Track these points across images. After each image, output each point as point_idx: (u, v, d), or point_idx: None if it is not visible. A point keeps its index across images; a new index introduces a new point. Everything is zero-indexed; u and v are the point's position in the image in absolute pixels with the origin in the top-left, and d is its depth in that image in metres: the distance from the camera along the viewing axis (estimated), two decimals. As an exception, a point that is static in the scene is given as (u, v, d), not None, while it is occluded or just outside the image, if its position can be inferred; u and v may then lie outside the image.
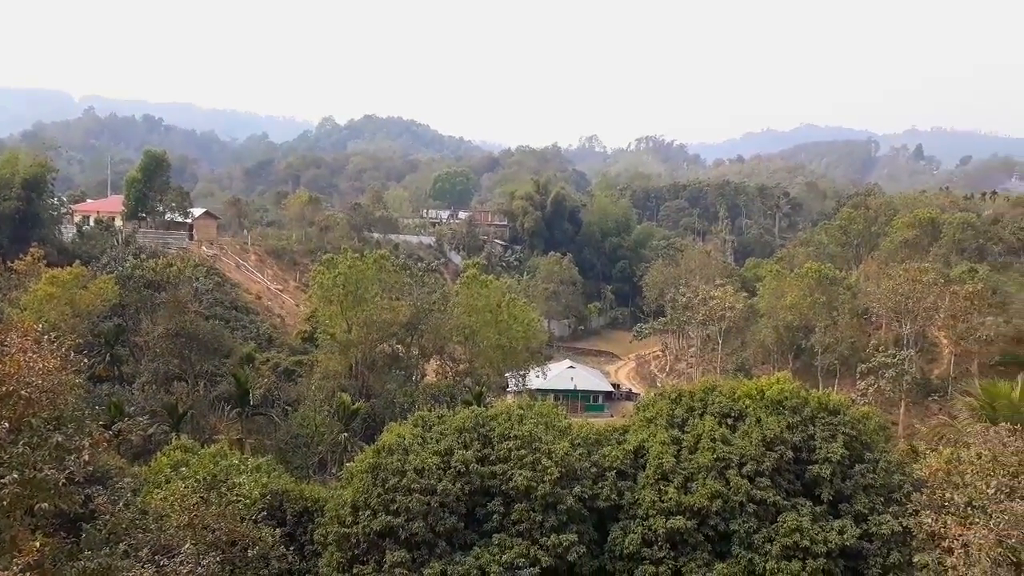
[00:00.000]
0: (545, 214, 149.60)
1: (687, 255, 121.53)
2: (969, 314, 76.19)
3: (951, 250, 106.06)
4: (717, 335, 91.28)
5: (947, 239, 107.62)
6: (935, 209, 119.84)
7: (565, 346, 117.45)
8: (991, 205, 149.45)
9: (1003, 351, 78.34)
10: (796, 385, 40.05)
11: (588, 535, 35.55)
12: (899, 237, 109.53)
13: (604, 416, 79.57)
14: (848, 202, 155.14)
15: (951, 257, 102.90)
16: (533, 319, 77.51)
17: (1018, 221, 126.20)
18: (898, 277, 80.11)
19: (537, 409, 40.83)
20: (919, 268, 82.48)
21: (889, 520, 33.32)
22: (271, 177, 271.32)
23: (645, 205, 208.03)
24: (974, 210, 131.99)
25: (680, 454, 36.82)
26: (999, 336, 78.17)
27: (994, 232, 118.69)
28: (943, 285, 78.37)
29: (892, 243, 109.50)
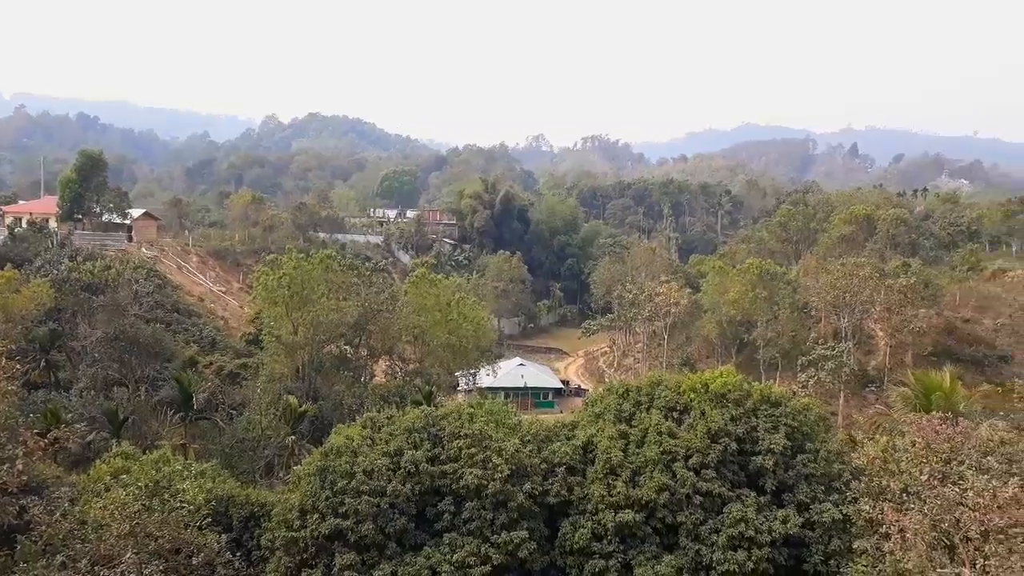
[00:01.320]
0: (494, 213, 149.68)
1: (633, 252, 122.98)
2: (903, 307, 78.90)
3: (886, 245, 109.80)
4: (663, 330, 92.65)
5: (882, 235, 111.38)
6: (870, 206, 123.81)
7: (515, 344, 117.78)
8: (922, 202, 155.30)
9: (935, 342, 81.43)
10: (739, 378, 40.90)
11: (539, 531, 35.75)
12: (836, 233, 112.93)
13: (554, 412, 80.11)
14: (787, 199, 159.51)
15: (886, 252, 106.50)
16: (483, 318, 77.49)
17: (948, 217, 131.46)
18: (836, 272, 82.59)
19: (487, 407, 40.89)
20: (856, 263, 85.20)
21: (830, 508, 34.28)
22: (213, 177, 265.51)
23: (592, 203, 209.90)
24: (907, 206, 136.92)
25: (628, 448, 37.32)
26: (931, 328, 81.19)
27: (926, 227, 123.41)
28: (878, 279, 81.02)
29: (830, 239, 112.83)
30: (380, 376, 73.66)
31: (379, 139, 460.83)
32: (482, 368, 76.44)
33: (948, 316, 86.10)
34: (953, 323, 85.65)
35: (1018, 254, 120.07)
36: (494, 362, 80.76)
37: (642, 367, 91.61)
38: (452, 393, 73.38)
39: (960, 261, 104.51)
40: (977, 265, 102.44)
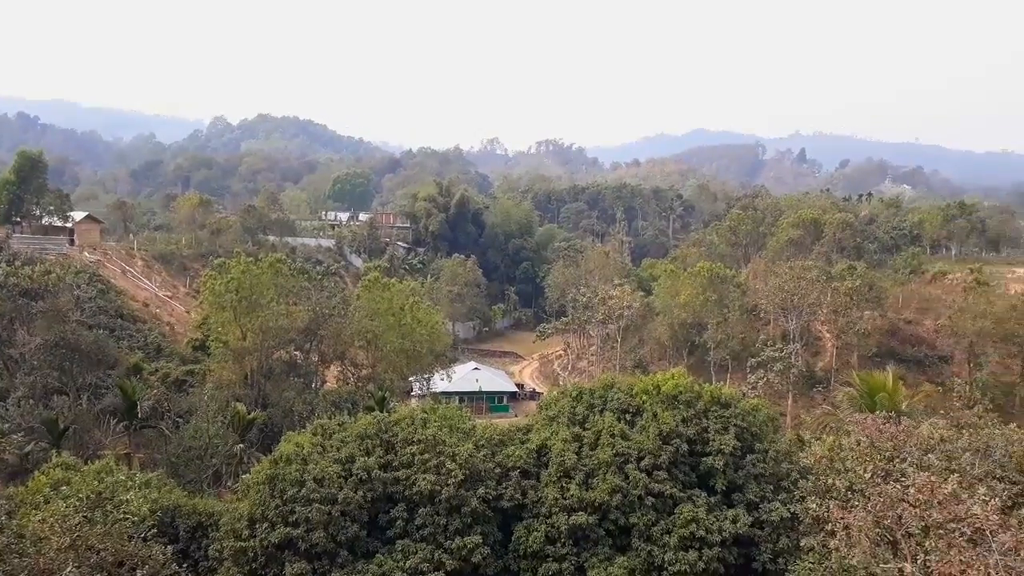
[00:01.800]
0: (449, 216, 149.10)
1: (587, 256, 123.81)
2: (849, 309, 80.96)
3: (832, 249, 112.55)
4: (616, 333, 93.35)
5: (828, 238, 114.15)
6: (817, 210, 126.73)
7: (470, 348, 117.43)
8: (867, 206, 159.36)
9: (879, 343, 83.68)
10: (690, 380, 41.41)
11: (492, 536, 35.67)
12: (784, 237, 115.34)
13: (509, 416, 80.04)
14: (737, 204, 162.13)
15: (832, 255, 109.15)
16: (437, 322, 77.06)
17: (891, 221, 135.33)
18: (784, 275, 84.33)
19: (441, 412, 40.68)
20: (803, 266, 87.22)
21: (778, 507, 34.90)
22: (159, 179, 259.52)
23: (546, 207, 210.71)
24: (852, 211, 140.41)
25: (581, 451, 37.48)
26: (875, 329, 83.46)
27: (870, 231, 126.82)
28: (825, 282, 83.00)
29: (778, 242, 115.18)
30: (332, 382, 72.73)
31: (331, 141, 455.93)
32: (436, 373, 75.98)
33: (891, 318, 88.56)
34: (896, 324, 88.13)
35: (957, 257, 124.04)
36: (448, 366, 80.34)
37: (596, 370, 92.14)
38: (406, 398, 72.80)
39: (903, 264, 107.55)
40: (919, 268, 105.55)
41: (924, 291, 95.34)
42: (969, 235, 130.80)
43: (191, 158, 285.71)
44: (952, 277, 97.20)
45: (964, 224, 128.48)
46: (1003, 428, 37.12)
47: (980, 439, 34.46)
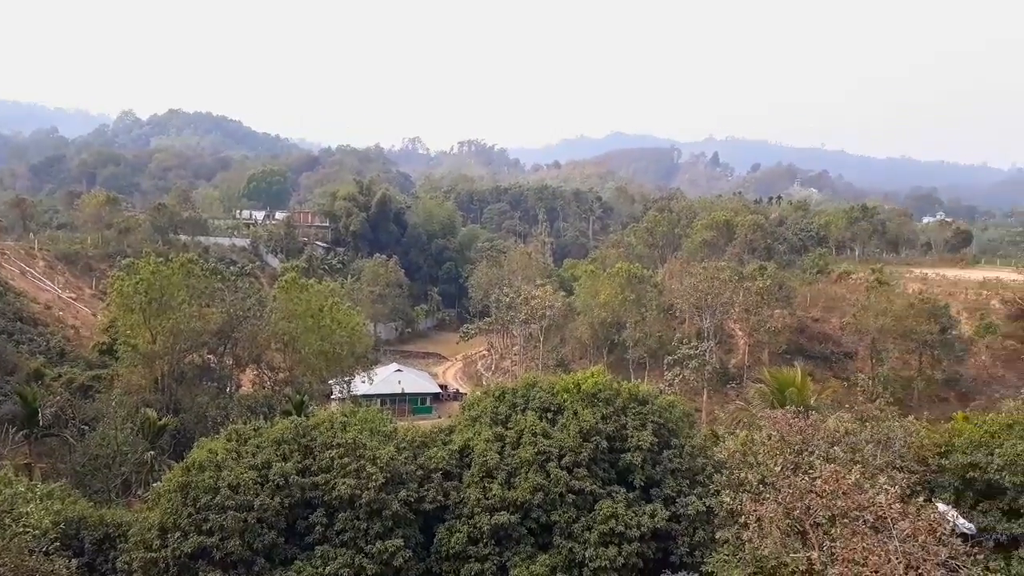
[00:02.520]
0: (370, 215, 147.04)
1: (510, 256, 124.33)
2: (760, 308, 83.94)
3: (744, 249, 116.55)
4: (539, 333, 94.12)
5: (740, 240, 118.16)
6: (730, 212, 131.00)
7: (392, 349, 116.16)
8: (777, 209, 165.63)
9: (788, 340, 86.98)
10: (609, 378, 42.12)
11: (414, 538, 35.43)
12: (699, 238, 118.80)
13: (432, 418, 79.57)
14: (654, 206, 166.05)
15: (744, 256, 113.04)
16: (358, 323, 75.94)
17: (799, 223, 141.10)
18: (698, 275, 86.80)
19: (361, 415, 40.15)
20: (716, 266, 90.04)
21: (695, 501, 35.86)
22: (62, 175, 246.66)
23: (469, 207, 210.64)
24: (763, 213, 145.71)
25: (504, 450, 37.62)
26: (785, 327, 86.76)
27: (780, 233, 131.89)
28: (737, 282, 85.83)
29: (693, 243, 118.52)
30: (247, 386, 70.78)
31: (246, 137, 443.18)
32: (357, 375, 74.87)
33: (800, 316, 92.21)
34: (804, 322, 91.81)
35: (860, 258, 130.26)
36: (370, 368, 79.24)
37: (519, 369, 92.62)
38: (325, 402, 71.42)
39: (810, 265, 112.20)
40: (825, 268, 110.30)
41: (830, 290, 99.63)
42: (871, 237, 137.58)
43: (97, 154, 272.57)
44: (856, 277, 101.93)
45: (867, 226, 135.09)
46: (902, 420, 39.18)
47: (881, 431, 36.27)
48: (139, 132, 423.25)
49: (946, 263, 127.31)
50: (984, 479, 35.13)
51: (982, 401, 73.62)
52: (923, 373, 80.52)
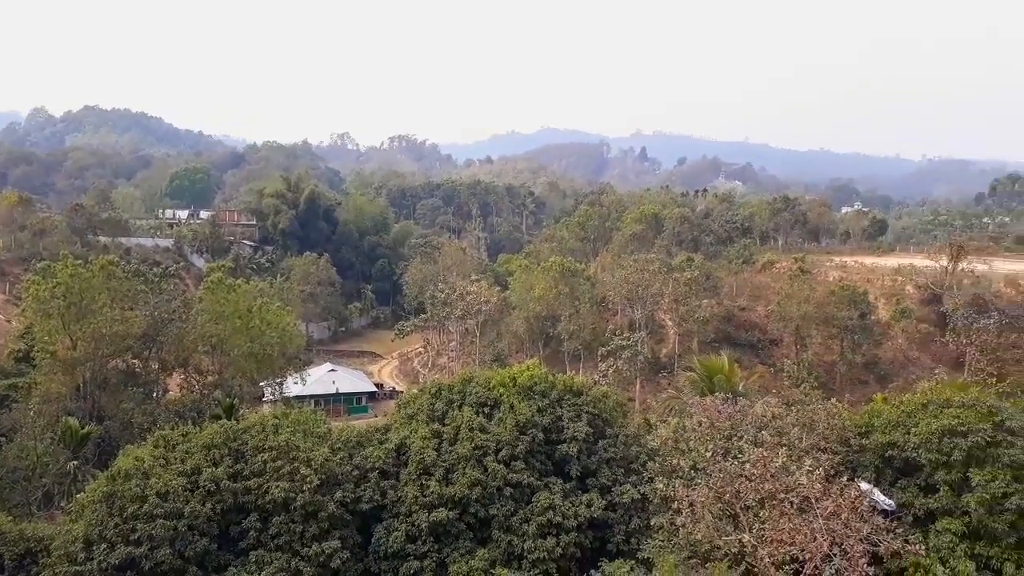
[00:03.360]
0: (299, 213, 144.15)
1: (444, 252, 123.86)
2: (688, 298, 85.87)
3: (672, 242, 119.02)
4: (475, 328, 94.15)
5: (668, 232, 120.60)
6: (658, 206, 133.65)
7: (325, 349, 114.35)
8: (703, 201, 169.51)
9: (716, 329, 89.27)
10: (544, 371, 42.51)
11: (352, 539, 35.07)
12: (629, 231, 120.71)
13: (368, 417, 78.77)
14: (585, 200, 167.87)
15: (672, 248, 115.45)
16: (289, 323, 74.50)
17: (724, 215, 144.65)
18: (629, 267, 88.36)
19: (294, 417, 39.48)
20: (646, 259, 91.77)
21: (629, 489, 36.48)
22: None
23: (401, 203, 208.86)
24: (689, 206, 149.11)
25: (441, 447, 37.55)
26: (713, 316, 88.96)
27: (706, 225, 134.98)
28: (666, 273, 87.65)
29: (623, 237, 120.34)
30: (175, 391, 68.70)
31: (167, 135, 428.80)
32: (289, 376, 73.49)
33: (727, 305, 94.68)
34: (731, 311, 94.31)
35: (784, 248, 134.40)
36: (302, 369, 77.91)
37: (456, 365, 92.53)
38: (257, 404, 69.86)
39: (736, 255, 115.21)
40: (750, 258, 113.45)
41: (755, 280, 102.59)
42: (793, 227, 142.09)
43: (7, 152, 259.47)
44: (779, 266, 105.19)
45: (789, 217, 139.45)
46: (825, 403, 40.64)
47: (806, 414, 37.57)
48: (52, 130, 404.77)
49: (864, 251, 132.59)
50: (902, 457, 36.82)
51: (899, 383, 77.14)
52: (844, 357, 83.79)
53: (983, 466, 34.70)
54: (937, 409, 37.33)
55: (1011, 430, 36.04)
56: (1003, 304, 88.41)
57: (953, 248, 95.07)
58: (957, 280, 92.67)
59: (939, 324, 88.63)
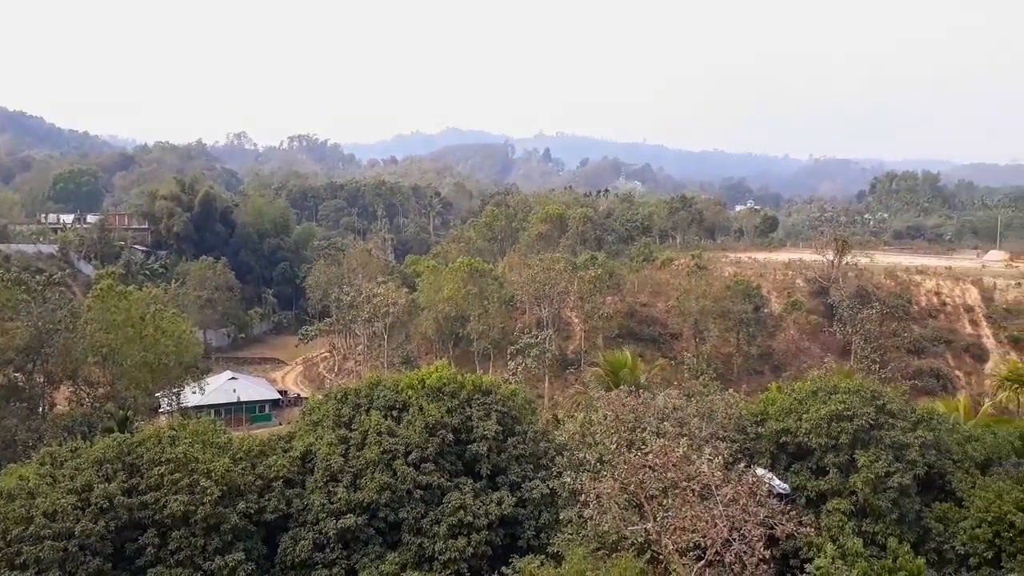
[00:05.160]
0: (193, 215, 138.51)
1: (349, 254, 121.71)
2: (593, 295, 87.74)
3: (576, 241, 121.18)
4: (383, 331, 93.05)
5: (573, 231, 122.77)
6: (562, 206, 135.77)
7: (225, 357, 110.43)
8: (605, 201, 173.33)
9: (620, 325, 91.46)
10: (453, 371, 42.50)
11: (257, 551, 34.10)
12: (535, 231, 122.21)
13: (272, 425, 76.68)
14: (491, 201, 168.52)
15: (577, 247, 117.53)
16: (185, 331, 71.64)
17: (625, 214, 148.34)
18: (536, 267, 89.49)
19: (192, 428, 38.06)
20: (552, 258, 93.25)
21: (539, 485, 36.92)
22: None
23: (303, 205, 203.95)
24: (592, 206, 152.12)
25: (348, 452, 36.99)
26: (616, 313, 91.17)
27: (608, 224, 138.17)
28: (571, 272, 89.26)
29: (529, 236, 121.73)
30: (63, 404, 64.87)
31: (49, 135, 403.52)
32: (187, 386, 70.67)
33: (630, 302, 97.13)
34: (634, 308, 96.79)
35: (682, 245, 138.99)
36: (201, 378, 74.93)
37: (364, 369, 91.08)
38: (153, 416, 66.86)
39: (637, 253, 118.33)
40: (650, 256, 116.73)
41: (655, 276, 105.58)
42: (690, 225, 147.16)
43: None
44: (678, 263, 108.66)
45: (686, 215, 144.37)
46: (723, 394, 42.41)
47: (705, 405, 39.09)
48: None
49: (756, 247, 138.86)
50: (795, 442, 38.79)
51: (792, 372, 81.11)
52: (740, 349, 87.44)
53: (868, 448, 37.00)
54: (826, 396, 39.53)
55: (892, 413, 38.58)
56: (883, 295, 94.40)
57: (838, 243, 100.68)
58: (842, 273, 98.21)
59: (827, 315, 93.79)
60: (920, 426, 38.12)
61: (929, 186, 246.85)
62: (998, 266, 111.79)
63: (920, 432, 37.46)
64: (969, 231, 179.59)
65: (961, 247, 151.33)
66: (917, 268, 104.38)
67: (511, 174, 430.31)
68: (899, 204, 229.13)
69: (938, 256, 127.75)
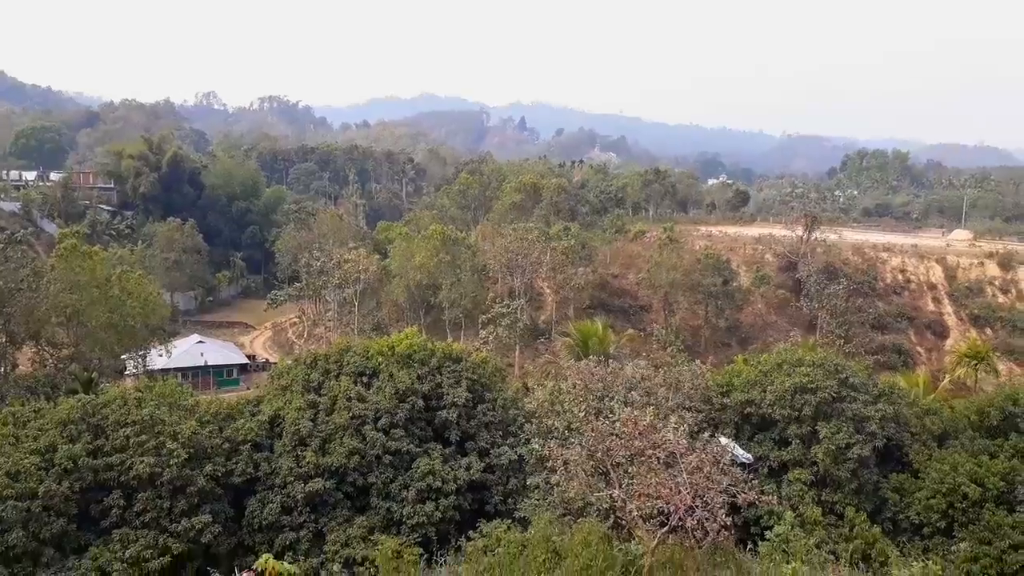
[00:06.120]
0: (161, 176, 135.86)
1: (320, 219, 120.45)
2: (565, 266, 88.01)
3: (550, 211, 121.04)
4: (353, 297, 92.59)
5: (546, 202, 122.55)
6: (536, 175, 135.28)
7: (193, 320, 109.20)
8: (579, 172, 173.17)
9: (591, 296, 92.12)
10: (424, 339, 42.53)
11: (224, 513, 34.12)
12: (508, 200, 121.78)
13: (239, 390, 76.22)
14: (465, 168, 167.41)
15: (550, 217, 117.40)
16: (152, 292, 70.70)
17: (599, 186, 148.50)
18: (509, 236, 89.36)
19: (158, 390, 37.78)
20: (525, 228, 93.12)
21: (507, 451, 37.32)
22: None
23: (273, 167, 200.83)
24: (566, 176, 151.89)
25: (317, 417, 36.98)
26: (588, 284, 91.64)
27: (582, 195, 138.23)
28: (544, 242, 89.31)
29: (503, 206, 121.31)
30: (26, 366, 63.88)
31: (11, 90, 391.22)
32: (153, 349, 69.92)
33: (601, 273, 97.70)
34: (605, 279, 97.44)
35: (654, 218, 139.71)
36: (168, 341, 74.17)
37: (333, 335, 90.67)
38: (118, 379, 66.11)
39: (610, 225, 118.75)
40: (623, 228, 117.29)
41: (627, 248, 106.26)
42: (663, 198, 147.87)
43: None
44: (650, 236, 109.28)
45: (659, 188, 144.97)
46: (690, 365, 42.89)
47: (673, 375, 39.52)
48: None
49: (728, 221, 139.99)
50: (759, 413, 39.54)
51: (758, 345, 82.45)
52: (709, 321, 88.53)
53: (829, 420, 37.84)
54: (790, 368, 40.24)
55: (854, 386, 39.43)
56: (850, 271, 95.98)
57: (808, 219, 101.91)
58: (811, 249, 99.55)
59: (795, 290, 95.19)
60: (881, 400, 39.03)
61: (899, 164, 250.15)
62: (962, 245, 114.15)
63: (881, 406, 38.36)
64: (936, 210, 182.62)
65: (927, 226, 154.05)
66: (884, 245, 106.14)
67: (486, 142, 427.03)
68: (869, 182, 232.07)
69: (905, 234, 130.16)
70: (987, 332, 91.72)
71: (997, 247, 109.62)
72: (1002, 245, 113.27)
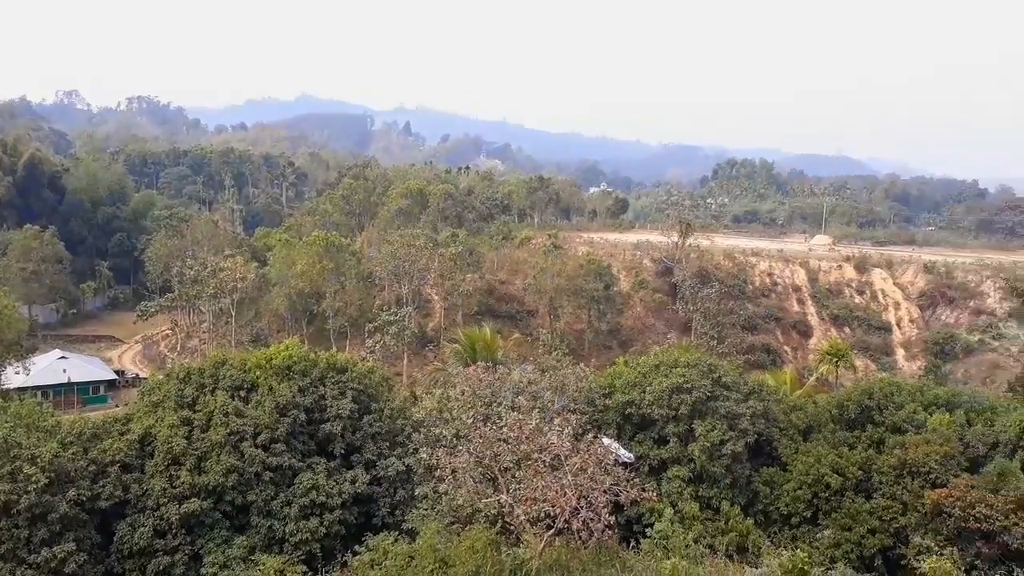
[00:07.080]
0: (17, 180, 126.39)
1: (193, 225, 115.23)
2: (453, 273, 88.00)
3: (437, 217, 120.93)
4: (230, 307, 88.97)
5: (433, 208, 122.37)
6: (423, 181, 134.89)
7: (54, 334, 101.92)
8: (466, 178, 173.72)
9: (479, 302, 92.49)
10: (306, 349, 41.38)
11: (90, 540, 31.96)
12: (394, 206, 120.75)
13: (107, 407, 71.70)
14: (349, 173, 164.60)
15: (438, 224, 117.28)
16: (7, 306, 65.54)
17: (486, 192, 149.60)
18: (395, 243, 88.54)
19: (14, 410, 35.00)
20: (412, 234, 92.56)
21: (394, 462, 36.77)
22: None
23: (143, 171, 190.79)
24: (453, 182, 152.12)
25: (192, 434, 35.26)
26: (476, 290, 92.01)
27: (469, 202, 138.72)
28: (432, 249, 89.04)
29: (389, 212, 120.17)
30: None
31: None
32: (9, 366, 64.76)
33: (489, 279, 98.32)
34: (493, 285, 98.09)
35: (539, 224, 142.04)
36: (25, 357, 68.88)
37: (209, 348, 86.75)
38: (-32, 399, 60.76)
39: (496, 231, 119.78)
40: (509, 234, 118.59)
41: (514, 255, 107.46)
42: (548, 205, 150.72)
43: None
44: (535, 242, 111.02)
45: (543, 196, 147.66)
46: (575, 368, 43.87)
47: (558, 379, 40.32)
48: None
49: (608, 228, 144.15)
50: (639, 413, 40.85)
51: (638, 347, 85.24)
52: (591, 325, 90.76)
53: (704, 418, 39.56)
54: (667, 369, 41.81)
55: (726, 385, 41.40)
56: (722, 275, 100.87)
57: (682, 226, 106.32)
58: (685, 254, 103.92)
59: (671, 294, 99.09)
60: (751, 397, 41.17)
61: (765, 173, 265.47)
62: (823, 250, 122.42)
63: (751, 403, 40.46)
64: (799, 216, 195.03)
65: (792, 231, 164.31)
66: (752, 250, 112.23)
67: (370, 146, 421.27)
68: (738, 189, 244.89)
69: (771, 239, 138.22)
70: (846, 331, 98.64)
71: (853, 251, 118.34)
72: (857, 249, 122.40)
